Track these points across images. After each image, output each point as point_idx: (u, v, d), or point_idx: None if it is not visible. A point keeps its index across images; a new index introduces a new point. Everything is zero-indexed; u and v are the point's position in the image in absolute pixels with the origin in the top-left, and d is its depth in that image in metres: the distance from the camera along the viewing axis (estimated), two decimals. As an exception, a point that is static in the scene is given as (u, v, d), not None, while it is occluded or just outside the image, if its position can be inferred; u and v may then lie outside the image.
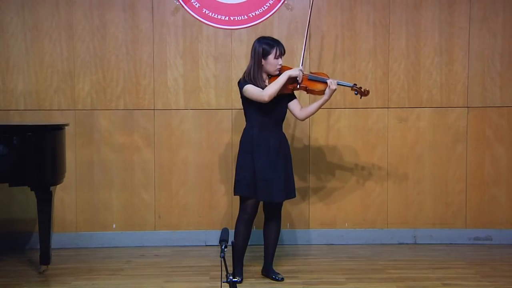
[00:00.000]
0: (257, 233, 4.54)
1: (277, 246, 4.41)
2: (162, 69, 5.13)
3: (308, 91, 4.21)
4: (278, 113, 4.21)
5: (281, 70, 4.19)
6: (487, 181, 5.26)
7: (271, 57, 4.13)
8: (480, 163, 5.25)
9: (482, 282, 4.26)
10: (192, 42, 5.14)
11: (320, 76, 4.20)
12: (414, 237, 5.26)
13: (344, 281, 4.28)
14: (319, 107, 4.19)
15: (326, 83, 4.12)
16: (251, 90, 4.09)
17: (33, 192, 4.33)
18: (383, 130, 5.22)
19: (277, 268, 4.42)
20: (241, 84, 4.15)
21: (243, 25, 5.12)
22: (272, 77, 4.19)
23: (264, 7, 5.11)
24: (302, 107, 4.28)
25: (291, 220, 5.23)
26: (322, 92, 4.15)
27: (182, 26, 5.13)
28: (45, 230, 4.38)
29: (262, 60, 4.15)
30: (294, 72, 4.11)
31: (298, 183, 5.13)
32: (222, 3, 5.11)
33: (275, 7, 5.12)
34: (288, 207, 5.18)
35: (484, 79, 5.21)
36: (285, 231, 5.16)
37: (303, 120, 4.35)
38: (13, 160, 4.12)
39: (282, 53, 4.16)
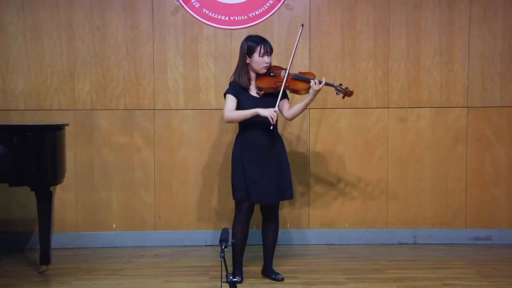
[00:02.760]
0: (257, 233, 4.53)
1: (277, 246, 4.41)
2: (162, 69, 5.13)
3: (292, 90, 4.16)
4: None
5: (271, 69, 4.18)
6: (487, 181, 5.25)
7: (255, 54, 4.14)
8: (480, 163, 5.24)
9: (482, 282, 4.26)
10: (192, 42, 5.14)
11: (305, 76, 4.14)
12: (414, 237, 5.26)
13: (344, 281, 4.28)
14: (304, 107, 4.13)
15: (309, 82, 4.06)
16: (226, 101, 4.16)
17: (33, 192, 4.32)
18: (383, 130, 5.21)
19: (277, 268, 4.42)
20: (226, 90, 4.20)
21: (243, 25, 5.11)
22: (260, 76, 4.17)
23: (264, 7, 5.11)
24: (290, 107, 4.24)
25: (291, 220, 5.23)
26: (306, 92, 4.10)
27: (182, 26, 5.13)
28: (45, 230, 4.38)
29: (247, 58, 4.16)
30: (264, 112, 4.02)
31: (298, 183, 5.14)
32: (222, 3, 5.11)
33: (275, 7, 5.12)
34: (288, 207, 5.18)
35: (484, 79, 5.20)
36: (285, 231, 5.16)
37: (290, 120, 4.30)
38: (13, 160, 4.12)
39: (267, 51, 4.15)
